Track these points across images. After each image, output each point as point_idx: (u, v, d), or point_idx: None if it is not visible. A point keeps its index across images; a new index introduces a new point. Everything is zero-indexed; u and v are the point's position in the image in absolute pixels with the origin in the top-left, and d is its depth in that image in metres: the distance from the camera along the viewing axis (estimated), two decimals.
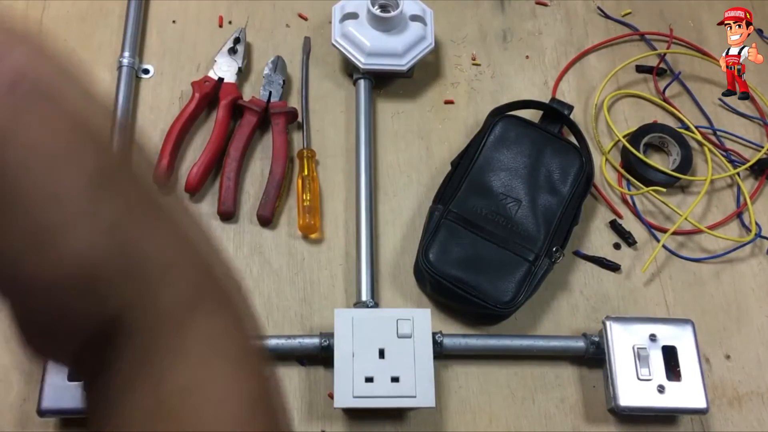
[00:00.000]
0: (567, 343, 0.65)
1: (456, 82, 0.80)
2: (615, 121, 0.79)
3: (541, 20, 0.85)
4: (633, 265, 0.72)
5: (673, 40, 0.84)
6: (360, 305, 0.65)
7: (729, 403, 0.66)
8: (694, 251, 0.73)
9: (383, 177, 0.74)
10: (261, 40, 0.80)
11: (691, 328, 0.64)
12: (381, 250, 0.70)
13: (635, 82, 0.83)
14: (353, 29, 0.74)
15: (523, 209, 0.67)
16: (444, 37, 0.82)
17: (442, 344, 0.63)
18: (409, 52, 0.75)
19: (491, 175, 0.69)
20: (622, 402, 0.61)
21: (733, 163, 0.78)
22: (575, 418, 0.64)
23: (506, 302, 0.64)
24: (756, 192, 0.77)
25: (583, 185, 0.70)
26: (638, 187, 0.74)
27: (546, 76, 0.81)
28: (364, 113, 0.74)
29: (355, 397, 0.58)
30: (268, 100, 0.74)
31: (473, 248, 0.66)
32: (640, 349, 0.63)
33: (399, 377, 0.59)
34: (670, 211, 0.74)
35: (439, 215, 0.67)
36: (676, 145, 0.76)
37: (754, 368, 0.68)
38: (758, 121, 0.81)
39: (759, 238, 0.73)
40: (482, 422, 0.63)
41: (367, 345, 0.60)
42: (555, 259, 0.66)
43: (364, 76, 0.76)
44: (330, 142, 0.75)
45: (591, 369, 0.66)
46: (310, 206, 0.69)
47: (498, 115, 0.73)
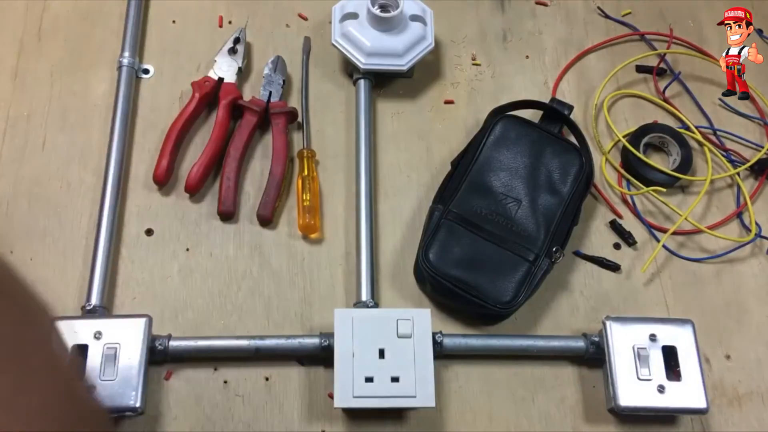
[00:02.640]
0: (567, 343, 0.65)
1: (456, 82, 0.80)
2: (615, 121, 0.79)
3: (541, 20, 0.85)
4: (633, 265, 0.72)
5: (673, 40, 0.84)
6: (360, 305, 0.65)
7: (729, 403, 0.66)
8: (694, 251, 0.73)
9: (383, 177, 0.74)
10: (261, 40, 0.80)
11: (691, 328, 0.64)
12: (381, 250, 0.70)
13: (635, 82, 0.83)
14: (353, 29, 0.74)
15: (523, 209, 0.67)
16: (444, 37, 0.82)
17: (442, 344, 0.63)
18: (409, 52, 0.75)
19: (491, 175, 0.69)
20: (622, 402, 0.61)
21: (733, 163, 0.78)
22: (575, 418, 0.64)
23: (506, 302, 0.64)
24: (756, 192, 0.77)
25: (583, 185, 0.70)
26: (638, 187, 0.74)
27: (546, 76, 0.81)
28: (364, 113, 0.74)
29: (355, 397, 0.58)
30: (268, 100, 0.74)
31: (473, 248, 0.66)
32: (640, 349, 0.63)
33: (399, 377, 0.59)
34: (670, 211, 0.74)
35: (439, 215, 0.67)
36: (676, 145, 0.76)
37: (754, 368, 0.68)
38: (758, 121, 0.81)
39: (759, 238, 0.73)
40: (482, 422, 0.63)
41: (367, 345, 0.60)
42: (555, 259, 0.66)
43: (364, 76, 0.76)
44: (330, 142, 0.75)
45: (591, 369, 0.66)
46: (310, 206, 0.69)
47: (498, 115, 0.73)
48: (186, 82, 0.75)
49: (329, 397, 0.62)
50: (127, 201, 0.70)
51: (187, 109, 0.72)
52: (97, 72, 0.76)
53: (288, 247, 0.69)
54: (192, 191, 0.70)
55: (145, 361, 0.59)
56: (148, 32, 0.79)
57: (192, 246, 0.69)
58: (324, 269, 0.69)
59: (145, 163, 0.72)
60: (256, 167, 0.73)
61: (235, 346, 0.63)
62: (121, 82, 0.74)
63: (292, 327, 0.66)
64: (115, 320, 0.61)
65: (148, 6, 0.81)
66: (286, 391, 0.63)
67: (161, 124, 0.73)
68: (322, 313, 0.67)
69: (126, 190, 0.71)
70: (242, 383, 0.63)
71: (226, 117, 0.73)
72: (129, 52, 0.75)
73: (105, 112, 0.74)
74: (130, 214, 0.70)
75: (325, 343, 0.62)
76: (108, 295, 0.65)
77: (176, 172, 0.72)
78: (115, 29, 0.78)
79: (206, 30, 0.80)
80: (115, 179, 0.69)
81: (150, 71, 0.77)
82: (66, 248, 0.67)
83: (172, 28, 0.80)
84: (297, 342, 0.63)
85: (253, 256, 0.69)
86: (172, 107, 0.75)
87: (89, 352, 0.59)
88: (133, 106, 0.74)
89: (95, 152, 0.72)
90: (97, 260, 0.65)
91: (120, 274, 0.67)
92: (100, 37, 0.78)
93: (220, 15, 0.81)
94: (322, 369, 0.64)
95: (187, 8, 0.81)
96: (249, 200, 0.71)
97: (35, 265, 0.66)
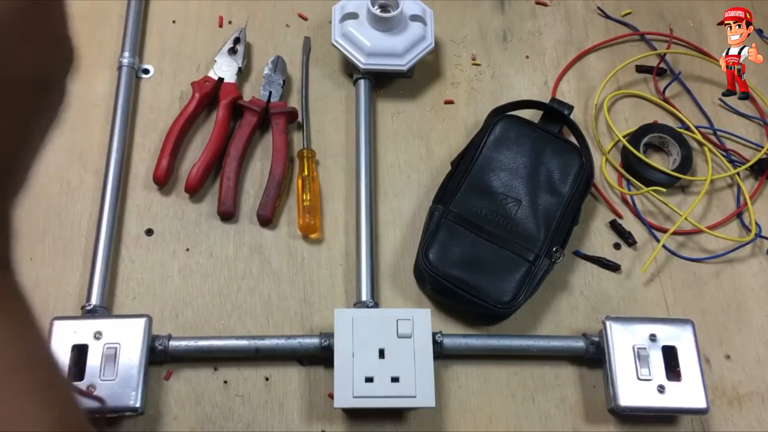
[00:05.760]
0: (567, 343, 0.65)
1: (456, 82, 0.80)
2: (615, 121, 0.79)
3: (541, 20, 0.85)
4: (633, 265, 0.72)
5: (673, 40, 0.84)
6: (360, 305, 0.65)
7: (729, 403, 0.66)
8: (694, 251, 0.73)
9: (383, 177, 0.74)
10: (261, 40, 0.80)
11: (691, 328, 0.64)
12: (381, 250, 0.70)
13: (635, 82, 0.83)
14: (353, 29, 0.74)
15: (523, 209, 0.67)
16: (444, 37, 0.82)
17: (442, 344, 0.63)
18: (409, 52, 0.75)
19: (491, 175, 0.69)
20: (622, 402, 0.61)
21: (733, 163, 0.78)
22: (575, 418, 0.64)
23: (506, 302, 0.64)
24: (756, 192, 0.77)
25: (583, 185, 0.70)
26: (638, 187, 0.74)
27: (546, 76, 0.81)
28: (364, 113, 0.74)
29: (355, 397, 0.58)
30: (268, 100, 0.74)
31: (473, 248, 0.66)
32: (640, 349, 0.63)
33: (399, 377, 0.59)
34: (670, 211, 0.74)
35: (439, 215, 0.67)
36: (676, 145, 0.76)
37: (754, 368, 0.68)
38: (758, 121, 0.81)
39: (759, 238, 0.73)
40: (482, 422, 0.63)
41: (367, 345, 0.60)
42: (555, 259, 0.66)
43: (364, 76, 0.76)
44: (330, 142, 0.75)
45: (591, 369, 0.66)
46: (310, 206, 0.69)
47: (498, 115, 0.73)
48: (186, 82, 0.75)
49: (329, 397, 0.62)
50: (127, 201, 0.70)
51: (187, 109, 0.72)
52: (97, 72, 0.76)
53: (288, 247, 0.69)
54: (192, 191, 0.70)
55: (145, 361, 0.59)
56: (148, 32, 0.79)
57: (192, 246, 0.69)
58: (324, 269, 0.69)
59: (145, 163, 0.72)
60: (256, 167, 0.73)
61: (235, 346, 0.63)
62: (121, 82, 0.74)
63: (292, 327, 0.66)
64: (115, 320, 0.61)
65: (148, 6, 0.81)
66: (286, 391, 0.63)
67: (161, 124, 0.73)
68: (322, 313, 0.67)
69: (126, 190, 0.71)
70: (242, 383, 0.63)
71: (226, 117, 0.73)
72: (129, 52, 0.75)
73: (105, 112, 0.74)
74: (130, 214, 0.70)
75: (325, 343, 0.62)
76: (108, 295, 0.65)
77: (176, 172, 0.72)
78: (115, 29, 0.78)
79: (206, 30, 0.80)
80: (115, 179, 0.69)
81: (150, 71, 0.77)
82: (66, 248, 0.67)
83: (172, 28, 0.80)
84: (297, 342, 0.63)
85: (253, 256, 0.69)
86: (172, 107, 0.75)
87: (89, 352, 0.59)
88: (133, 106, 0.74)
89: (95, 152, 0.72)
90: (97, 260, 0.65)
91: (120, 274, 0.67)
92: (100, 37, 0.78)
93: (220, 15, 0.81)
94: (322, 369, 0.64)
95: (187, 8, 0.81)
96: (249, 200, 0.71)
97: (35, 265, 0.66)
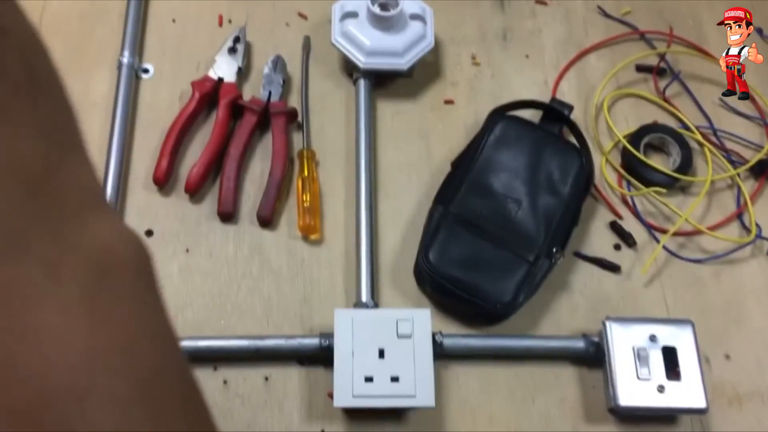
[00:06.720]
0: (567, 344, 0.65)
1: (456, 81, 0.80)
2: (615, 121, 0.79)
3: (540, 20, 0.85)
4: (633, 265, 0.72)
5: (673, 40, 0.84)
6: (360, 305, 0.65)
7: (729, 403, 0.66)
8: (694, 252, 0.73)
9: (383, 177, 0.74)
10: (261, 40, 0.80)
11: (691, 328, 0.64)
12: (381, 250, 0.70)
13: (635, 82, 0.82)
14: (353, 28, 0.74)
15: (523, 210, 0.67)
16: (444, 36, 0.82)
17: (442, 344, 0.63)
18: (409, 52, 0.75)
19: (491, 176, 0.69)
20: (622, 402, 0.61)
21: (734, 164, 0.78)
22: (575, 418, 0.64)
23: (506, 303, 0.64)
24: (756, 193, 0.77)
25: (583, 186, 0.70)
26: (638, 187, 0.74)
27: (546, 76, 0.81)
28: (364, 113, 0.74)
29: (354, 396, 0.58)
30: (268, 99, 0.74)
31: (473, 249, 0.66)
32: (639, 349, 0.63)
33: (399, 377, 0.59)
34: (670, 211, 0.74)
35: (439, 216, 0.67)
36: (676, 146, 0.76)
37: (754, 368, 0.68)
38: (758, 121, 0.81)
39: (759, 239, 0.73)
40: (482, 422, 0.63)
41: (366, 345, 0.60)
42: (555, 259, 0.66)
43: (364, 76, 0.76)
44: (330, 142, 0.75)
45: (591, 369, 0.66)
46: (310, 207, 0.69)
47: (498, 115, 0.73)
48: (186, 82, 0.75)
49: (329, 397, 0.62)
50: (127, 201, 0.70)
51: (187, 109, 0.72)
52: (97, 71, 0.76)
53: (288, 248, 0.69)
54: (192, 192, 0.70)
55: None
56: (148, 31, 0.79)
57: (192, 246, 0.69)
58: (324, 269, 0.69)
59: (145, 163, 0.72)
60: (256, 167, 0.73)
61: (234, 346, 0.63)
62: (120, 82, 0.74)
63: (291, 327, 0.66)
64: None
65: (148, 5, 0.81)
66: (285, 391, 0.63)
67: (161, 123, 0.73)
68: (322, 313, 0.67)
69: (126, 190, 0.71)
70: (242, 383, 0.63)
71: (226, 117, 0.73)
72: (129, 52, 0.75)
73: (105, 111, 0.74)
74: (130, 215, 0.70)
75: (325, 344, 0.62)
76: None
77: (176, 172, 0.72)
78: (115, 28, 0.78)
79: (206, 29, 0.80)
80: (115, 179, 0.69)
81: (150, 71, 0.77)
82: None
83: (172, 27, 0.80)
84: (297, 342, 0.63)
85: (253, 257, 0.69)
86: (172, 107, 0.75)
87: None
88: (133, 106, 0.74)
89: (95, 152, 0.72)
90: None
91: None
92: (100, 37, 0.78)
93: (219, 14, 0.81)
94: (322, 369, 0.64)
95: (186, 7, 0.81)
96: (249, 200, 0.71)
97: None
